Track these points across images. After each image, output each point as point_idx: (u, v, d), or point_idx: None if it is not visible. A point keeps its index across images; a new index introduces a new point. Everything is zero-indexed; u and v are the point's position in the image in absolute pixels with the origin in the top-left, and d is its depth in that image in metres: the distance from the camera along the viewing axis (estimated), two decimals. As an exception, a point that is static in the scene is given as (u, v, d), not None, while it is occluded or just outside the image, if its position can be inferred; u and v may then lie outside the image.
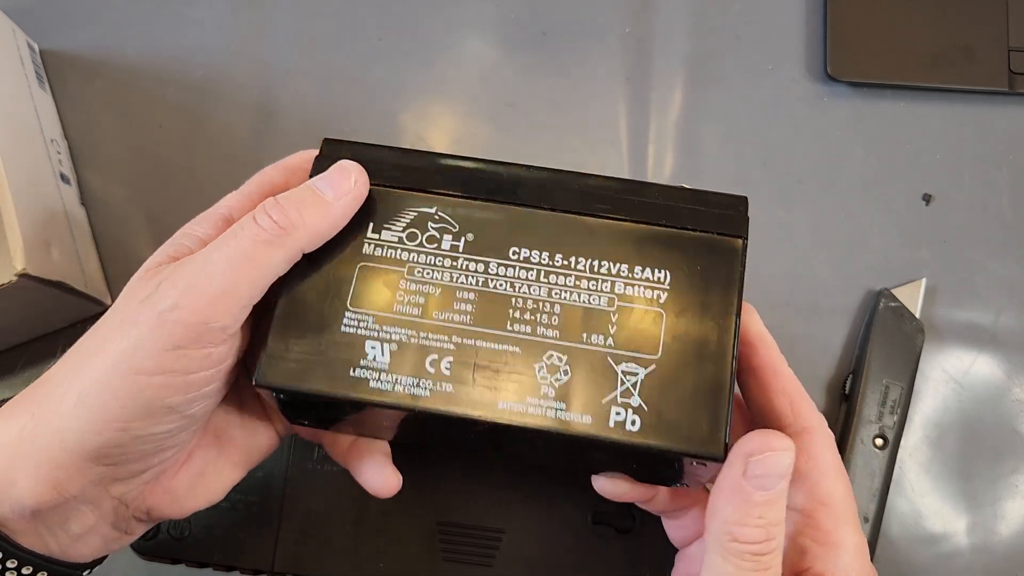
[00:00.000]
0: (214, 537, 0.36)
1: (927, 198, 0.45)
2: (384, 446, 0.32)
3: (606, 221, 0.29)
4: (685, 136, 0.46)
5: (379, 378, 0.28)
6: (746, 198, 0.30)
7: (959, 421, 0.42)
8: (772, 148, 0.46)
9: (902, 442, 0.41)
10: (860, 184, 0.45)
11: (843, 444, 0.41)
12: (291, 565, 0.36)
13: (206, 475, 0.31)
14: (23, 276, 0.36)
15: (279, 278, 0.28)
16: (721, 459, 0.27)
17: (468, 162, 0.30)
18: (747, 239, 0.29)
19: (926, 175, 0.45)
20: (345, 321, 0.28)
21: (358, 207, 0.29)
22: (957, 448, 0.42)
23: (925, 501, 0.42)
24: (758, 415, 0.30)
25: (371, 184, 0.29)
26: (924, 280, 0.43)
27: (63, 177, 0.44)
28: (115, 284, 0.45)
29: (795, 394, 0.29)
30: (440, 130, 0.47)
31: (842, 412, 0.42)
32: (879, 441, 0.40)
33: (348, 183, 0.28)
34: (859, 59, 0.46)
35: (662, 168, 0.46)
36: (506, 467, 0.37)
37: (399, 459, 0.33)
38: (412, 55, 0.48)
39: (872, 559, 0.39)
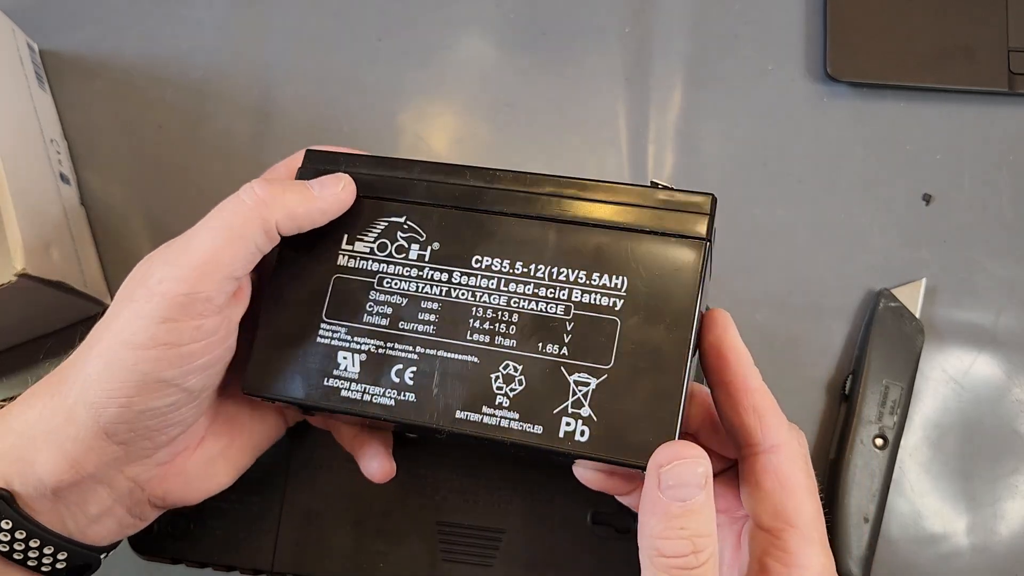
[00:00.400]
0: (214, 537, 0.36)
1: (927, 198, 0.45)
2: (386, 436, 0.33)
3: (568, 226, 0.29)
4: (685, 136, 0.46)
5: (349, 388, 0.29)
6: (713, 196, 0.29)
7: (959, 421, 0.42)
8: (772, 148, 0.46)
9: (902, 442, 0.41)
10: (860, 184, 0.45)
11: (843, 444, 0.41)
12: (291, 565, 0.36)
13: (218, 460, 0.32)
14: (23, 276, 0.36)
15: (263, 295, 0.30)
16: None
17: (438, 169, 0.31)
18: (711, 241, 0.29)
19: (926, 175, 0.45)
20: (320, 332, 0.30)
21: (341, 210, 0.30)
22: (957, 448, 0.42)
23: (925, 501, 0.42)
24: (729, 430, 0.30)
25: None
26: (924, 280, 0.43)
27: (63, 177, 0.44)
28: (115, 284, 0.45)
29: (765, 410, 0.29)
30: (439, 130, 0.47)
31: (842, 412, 0.42)
32: (879, 441, 0.40)
33: (336, 186, 0.30)
34: (859, 59, 0.46)
35: (662, 168, 0.46)
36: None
37: (401, 458, 0.33)
38: (411, 55, 0.48)
39: (872, 559, 0.39)
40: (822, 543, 0.28)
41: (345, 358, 0.29)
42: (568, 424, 0.28)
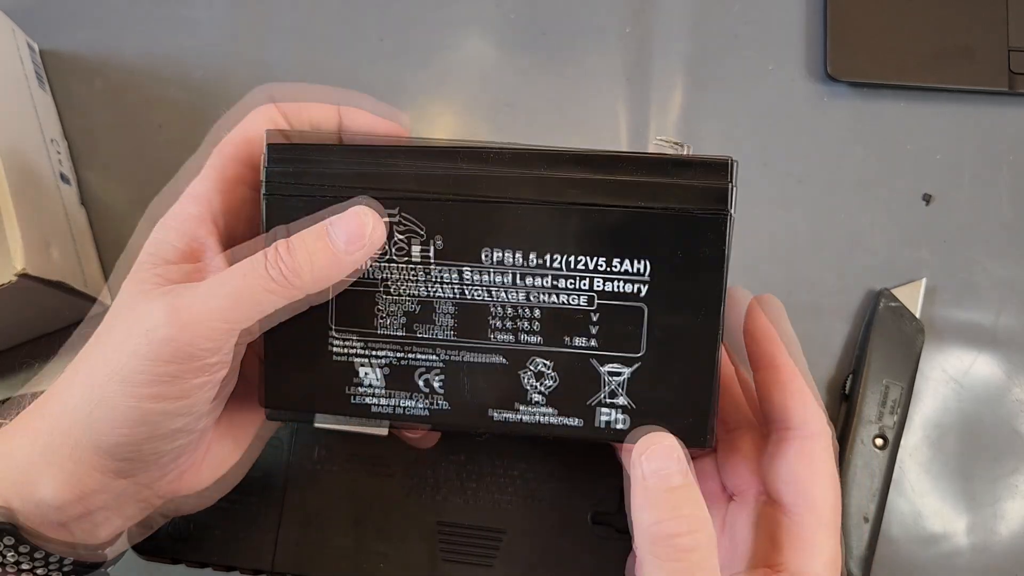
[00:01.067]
0: (214, 537, 0.36)
1: (927, 198, 0.45)
2: None
3: (579, 207, 0.27)
4: (685, 136, 0.46)
5: (378, 402, 0.28)
6: (730, 161, 0.27)
7: (959, 421, 0.42)
8: (772, 148, 0.46)
9: (902, 442, 0.41)
10: (860, 184, 0.45)
11: (843, 444, 0.41)
12: (291, 565, 0.36)
13: (226, 463, 0.31)
14: (23, 276, 0.36)
15: None
16: (707, 447, 0.27)
17: (425, 154, 0.28)
18: (733, 212, 0.27)
19: (926, 175, 0.45)
20: (334, 346, 0.29)
21: (374, 255, 0.28)
22: (957, 448, 0.42)
23: (925, 501, 0.41)
24: (767, 411, 0.30)
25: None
26: (924, 280, 0.43)
27: (63, 177, 0.44)
28: (115, 284, 0.45)
29: (810, 398, 0.29)
30: (440, 130, 0.47)
31: (842, 412, 0.42)
32: (879, 441, 0.40)
33: (363, 234, 0.27)
34: (859, 59, 0.46)
35: (662, 168, 0.46)
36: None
37: (401, 459, 0.33)
38: (412, 55, 0.48)
39: (872, 559, 0.39)
40: (836, 533, 0.29)
41: (366, 372, 0.28)
42: (606, 414, 0.28)
